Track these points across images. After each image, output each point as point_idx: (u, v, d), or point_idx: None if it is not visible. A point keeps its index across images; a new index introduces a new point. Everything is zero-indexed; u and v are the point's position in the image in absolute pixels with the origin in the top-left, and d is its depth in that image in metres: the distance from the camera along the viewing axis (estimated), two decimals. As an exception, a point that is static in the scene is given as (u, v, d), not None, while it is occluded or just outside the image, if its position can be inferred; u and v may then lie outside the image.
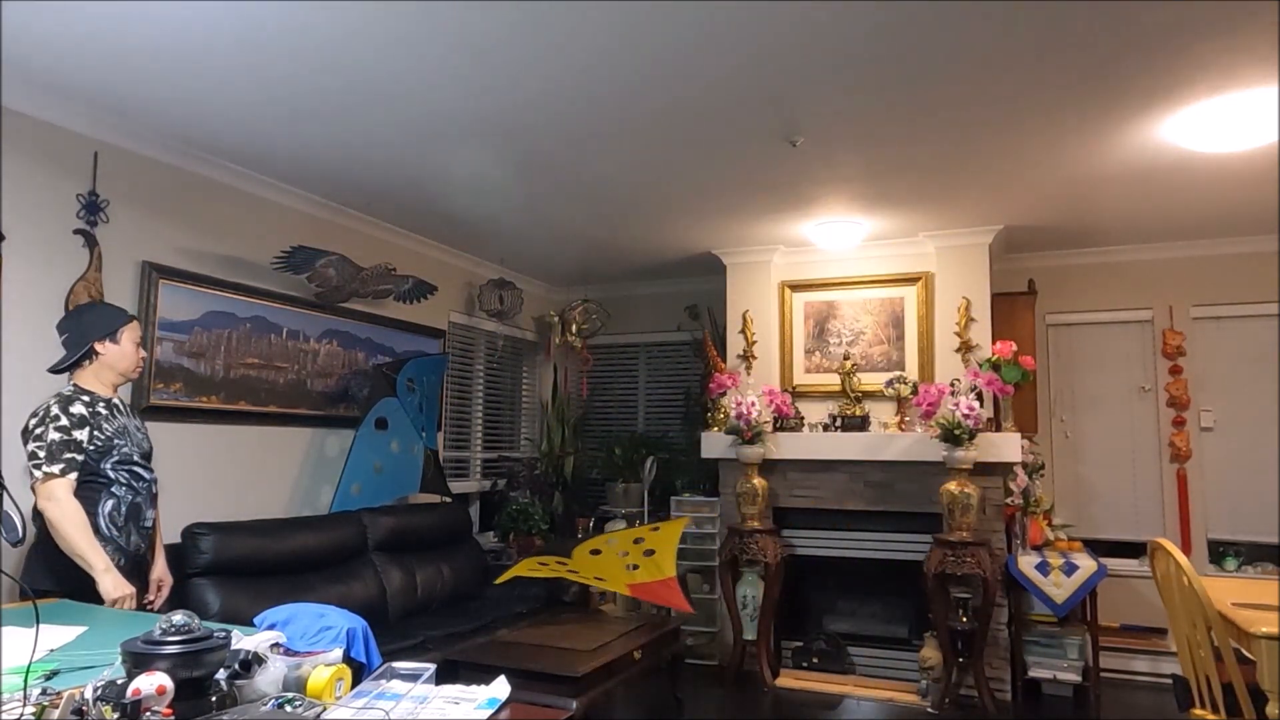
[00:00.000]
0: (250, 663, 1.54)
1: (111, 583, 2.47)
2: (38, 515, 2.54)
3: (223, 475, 3.82)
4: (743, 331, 5.31)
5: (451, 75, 2.86)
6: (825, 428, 4.95)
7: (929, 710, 4.30)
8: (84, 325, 2.70)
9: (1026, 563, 4.40)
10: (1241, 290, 4.97)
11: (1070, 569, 4.33)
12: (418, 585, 4.24)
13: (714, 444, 5.05)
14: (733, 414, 4.79)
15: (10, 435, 2.98)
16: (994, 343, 4.63)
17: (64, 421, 2.53)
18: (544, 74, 2.85)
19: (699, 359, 5.85)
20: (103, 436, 2.61)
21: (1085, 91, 2.96)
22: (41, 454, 2.50)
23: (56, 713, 1.33)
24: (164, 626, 1.44)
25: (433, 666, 1.71)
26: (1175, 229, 4.78)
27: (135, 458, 2.72)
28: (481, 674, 2.90)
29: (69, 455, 2.52)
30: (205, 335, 3.73)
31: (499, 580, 4.13)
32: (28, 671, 1.47)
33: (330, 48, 2.67)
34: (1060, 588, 4.31)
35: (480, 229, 4.89)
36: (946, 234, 4.81)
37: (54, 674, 1.60)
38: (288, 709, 1.45)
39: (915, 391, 4.70)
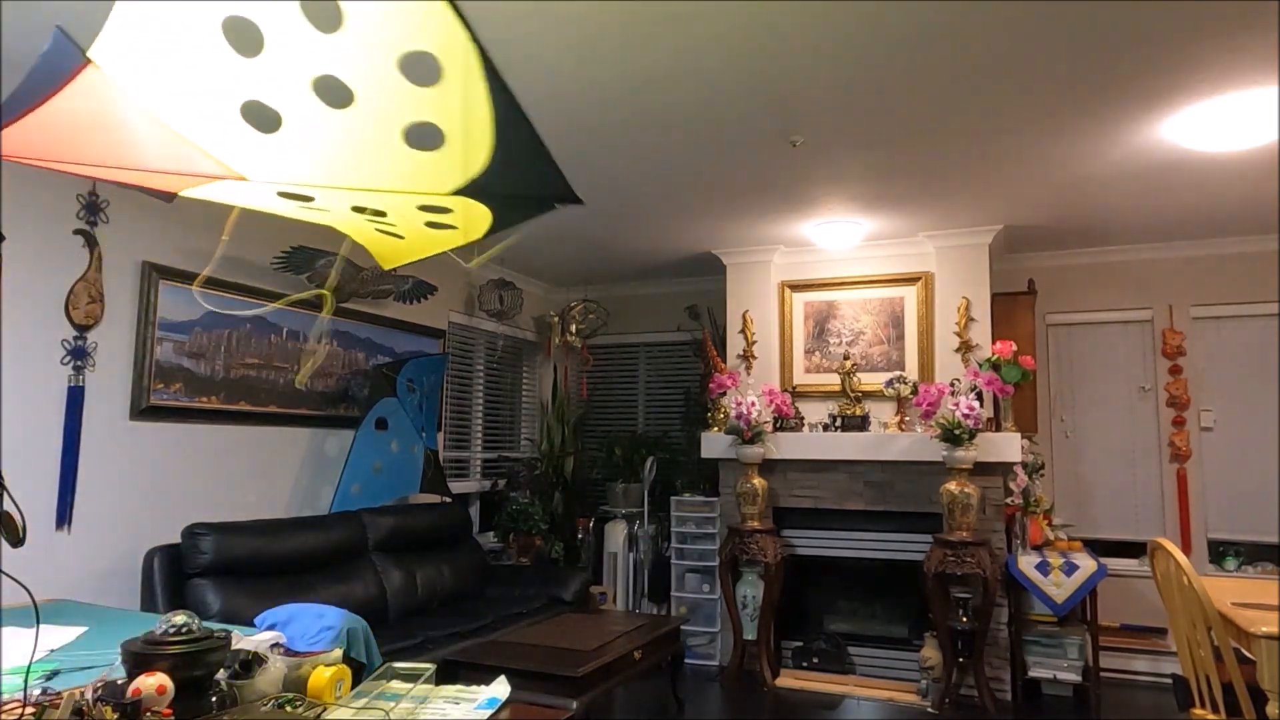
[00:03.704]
0: (250, 663, 1.54)
1: None
2: None
3: (223, 475, 3.82)
4: (743, 331, 5.31)
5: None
6: (825, 428, 4.95)
7: (929, 710, 4.30)
8: None
9: (1026, 563, 4.40)
10: (1241, 290, 4.97)
11: (1070, 569, 4.32)
12: (418, 585, 4.24)
13: (714, 444, 5.05)
14: (733, 414, 4.78)
15: (10, 435, 2.98)
16: (994, 343, 4.63)
17: None
18: (543, 74, 2.85)
19: (699, 359, 5.85)
20: None
21: (1085, 91, 2.96)
22: None
23: (57, 713, 1.33)
24: (164, 627, 1.44)
25: (433, 666, 1.71)
26: (1175, 229, 4.78)
27: None
28: (481, 674, 2.91)
29: None
30: (205, 335, 3.73)
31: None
32: (28, 671, 1.47)
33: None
34: (1060, 588, 4.31)
35: (480, 229, 4.88)
36: (946, 234, 4.81)
37: (54, 674, 1.60)
38: (288, 709, 1.45)
39: (915, 391, 4.70)
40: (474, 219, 2.09)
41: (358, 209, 2.00)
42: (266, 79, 1.50)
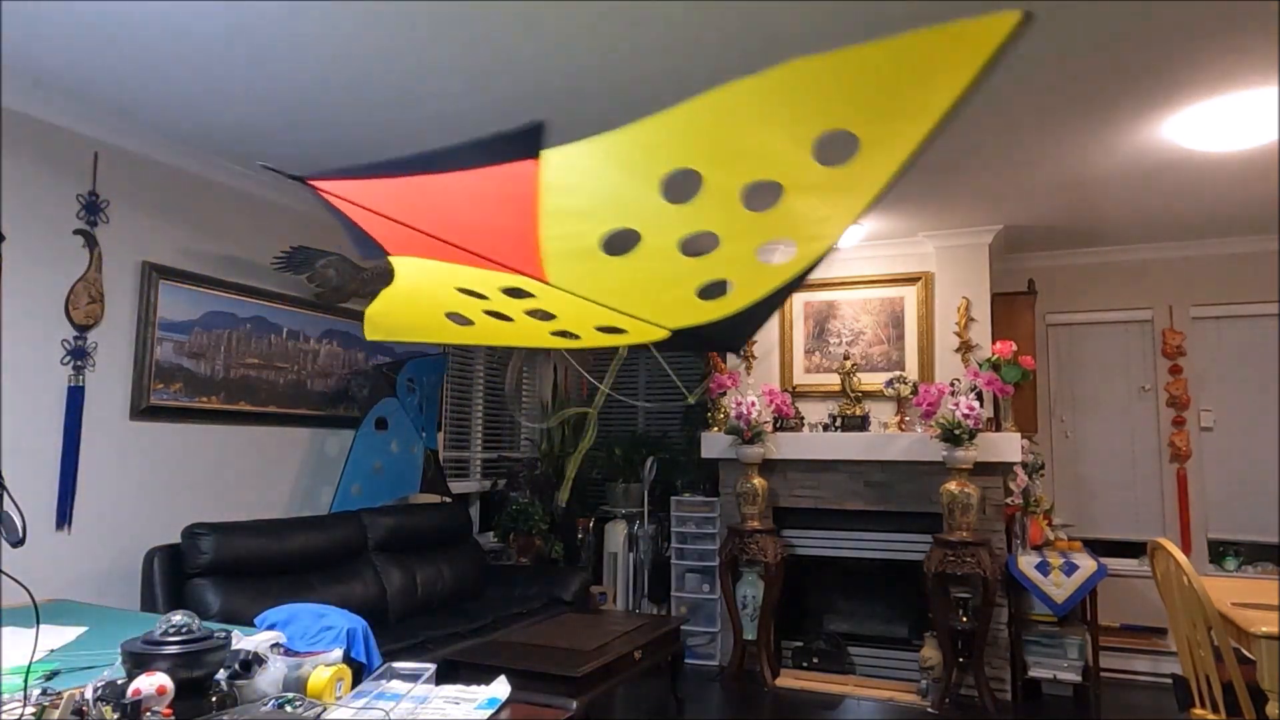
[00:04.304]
0: (250, 663, 1.54)
1: None
2: None
3: (223, 475, 3.82)
4: (743, 331, 5.30)
5: (452, 75, 2.86)
6: (825, 428, 4.95)
7: (929, 710, 4.30)
8: None
9: (1026, 563, 4.40)
10: (1241, 290, 4.97)
11: (1070, 569, 4.32)
12: (418, 585, 4.24)
13: (714, 444, 5.05)
14: (733, 414, 4.78)
15: (10, 435, 2.98)
16: (994, 343, 4.63)
17: None
18: (542, 73, 2.85)
19: (699, 359, 5.85)
20: None
21: (1085, 91, 2.96)
22: None
23: (57, 713, 1.33)
24: (164, 627, 1.44)
25: (433, 666, 1.71)
26: (1175, 229, 4.78)
27: None
28: (481, 674, 2.90)
29: None
30: (205, 335, 3.73)
31: None
32: (28, 671, 1.47)
33: (330, 48, 2.68)
34: (1060, 587, 4.31)
35: (480, 229, 4.88)
36: (946, 234, 4.80)
37: (54, 674, 1.60)
38: (288, 709, 1.45)
39: (915, 391, 4.70)
40: (643, 334, 2.34)
41: (530, 311, 2.21)
42: (660, 221, 1.72)
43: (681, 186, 1.62)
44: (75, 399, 3.20)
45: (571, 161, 1.53)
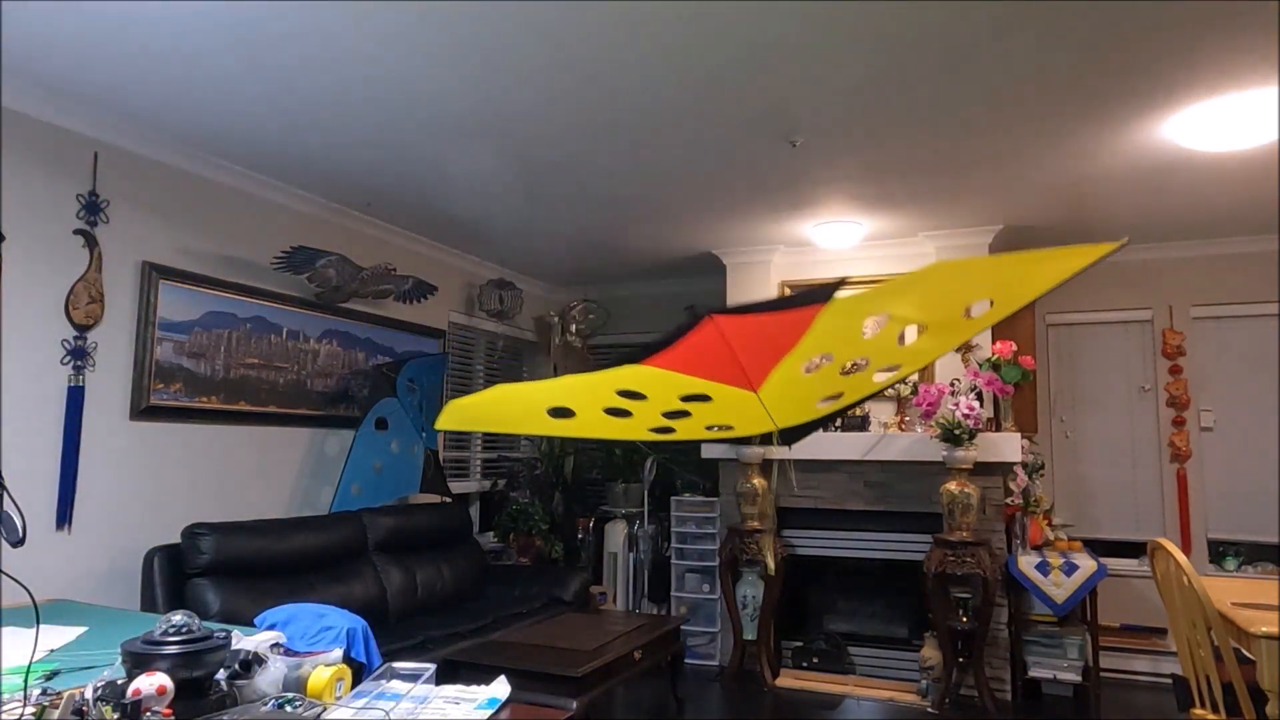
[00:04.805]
0: (250, 663, 1.54)
1: None
2: None
3: (223, 475, 3.82)
4: (743, 331, 5.30)
5: (451, 75, 2.86)
6: (825, 428, 4.95)
7: (929, 710, 4.30)
8: None
9: (1026, 563, 4.40)
10: (1241, 290, 4.97)
11: (1070, 569, 4.32)
12: (418, 585, 4.24)
13: (714, 444, 5.05)
14: (733, 414, 4.78)
15: (10, 435, 2.98)
16: (994, 343, 4.63)
17: None
18: (544, 74, 2.85)
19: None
20: None
21: (1085, 91, 2.96)
22: None
23: (56, 713, 1.33)
24: (164, 627, 1.45)
25: (433, 666, 1.71)
26: (1175, 229, 4.78)
27: None
28: (481, 674, 2.90)
29: None
30: (205, 335, 3.73)
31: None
32: (28, 671, 1.47)
33: (330, 48, 2.67)
34: (1060, 587, 4.31)
35: (480, 229, 4.89)
36: (946, 234, 4.80)
37: (54, 674, 1.61)
38: (288, 709, 1.45)
39: (915, 391, 4.70)
40: (750, 429, 2.79)
41: (671, 412, 2.59)
42: (849, 349, 2.24)
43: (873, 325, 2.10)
44: (75, 399, 3.20)
45: (841, 307, 1.91)
